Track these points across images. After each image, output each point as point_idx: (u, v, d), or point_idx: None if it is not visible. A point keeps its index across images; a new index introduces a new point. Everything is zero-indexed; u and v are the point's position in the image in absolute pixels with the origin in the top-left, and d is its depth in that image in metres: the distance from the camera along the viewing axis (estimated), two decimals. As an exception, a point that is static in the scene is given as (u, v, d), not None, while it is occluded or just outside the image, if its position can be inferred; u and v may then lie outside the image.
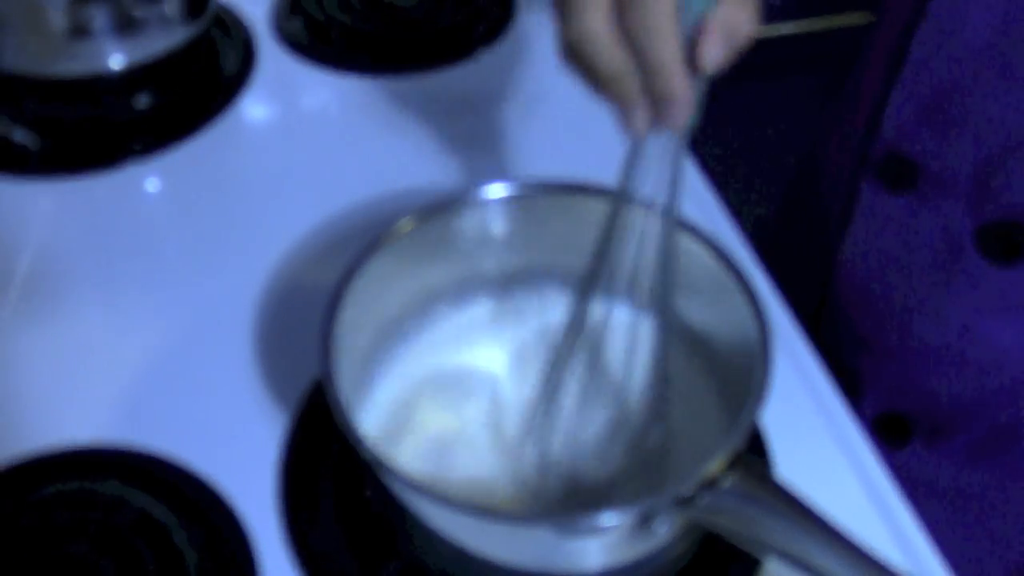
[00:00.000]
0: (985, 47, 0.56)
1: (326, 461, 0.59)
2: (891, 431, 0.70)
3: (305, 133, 0.83)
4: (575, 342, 0.55)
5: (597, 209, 0.58)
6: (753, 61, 0.48)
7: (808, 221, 0.77)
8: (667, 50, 0.43)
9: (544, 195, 0.59)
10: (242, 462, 0.60)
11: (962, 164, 0.60)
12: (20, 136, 0.79)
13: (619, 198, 0.52)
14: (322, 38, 0.90)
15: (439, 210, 0.57)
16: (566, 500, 0.55)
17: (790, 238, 0.83)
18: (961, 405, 0.67)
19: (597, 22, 0.43)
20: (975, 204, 0.60)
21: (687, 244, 0.56)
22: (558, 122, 0.82)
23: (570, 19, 0.43)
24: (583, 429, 0.58)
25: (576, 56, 0.45)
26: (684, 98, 0.44)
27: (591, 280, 0.54)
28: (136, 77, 0.81)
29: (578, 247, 0.60)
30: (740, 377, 0.53)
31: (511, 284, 0.63)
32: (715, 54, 0.44)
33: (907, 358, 0.68)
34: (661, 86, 0.44)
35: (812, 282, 0.74)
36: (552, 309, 0.63)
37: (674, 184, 0.49)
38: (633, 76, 0.44)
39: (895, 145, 0.63)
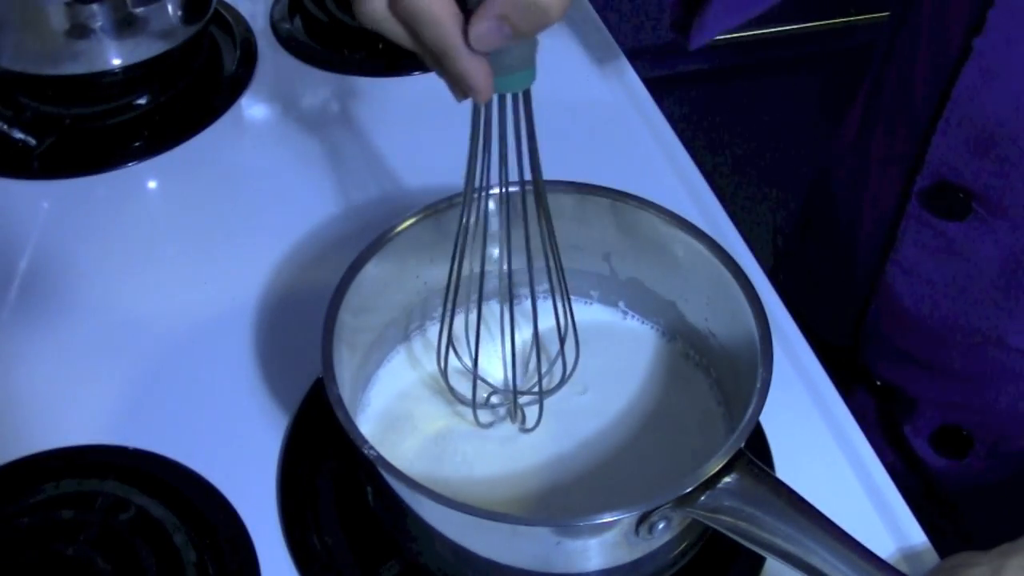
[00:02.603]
0: None
1: (326, 461, 0.59)
2: (950, 444, 0.70)
3: (305, 133, 0.83)
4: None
5: (598, 208, 0.58)
6: (753, 59, 0.48)
7: (832, 242, 0.76)
8: (440, 34, 0.42)
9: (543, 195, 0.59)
10: (242, 462, 0.59)
11: (1018, 193, 0.59)
12: (20, 136, 0.79)
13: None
14: (322, 38, 0.90)
15: (439, 210, 0.57)
16: (565, 499, 0.55)
17: (812, 256, 0.82)
18: (1021, 420, 0.66)
19: (373, 7, 0.42)
20: None
21: (689, 244, 0.56)
22: (558, 122, 0.82)
23: (355, 4, 0.43)
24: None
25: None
26: (476, 75, 0.43)
27: (606, 280, 0.54)
28: (136, 76, 0.81)
29: (578, 246, 0.60)
30: (741, 377, 0.53)
31: (511, 284, 0.63)
32: (481, 36, 0.42)
33: (964, 377, 0.67)
34: (448, 67, 0.43)
35: (845, 302, 0.73)
36: (551, 308, 0.63)
37: (530, 144, 0.49)
38: (429, 55, 0.43)
39: (945, 175, 0.61)
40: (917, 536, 0.58)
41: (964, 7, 0.57)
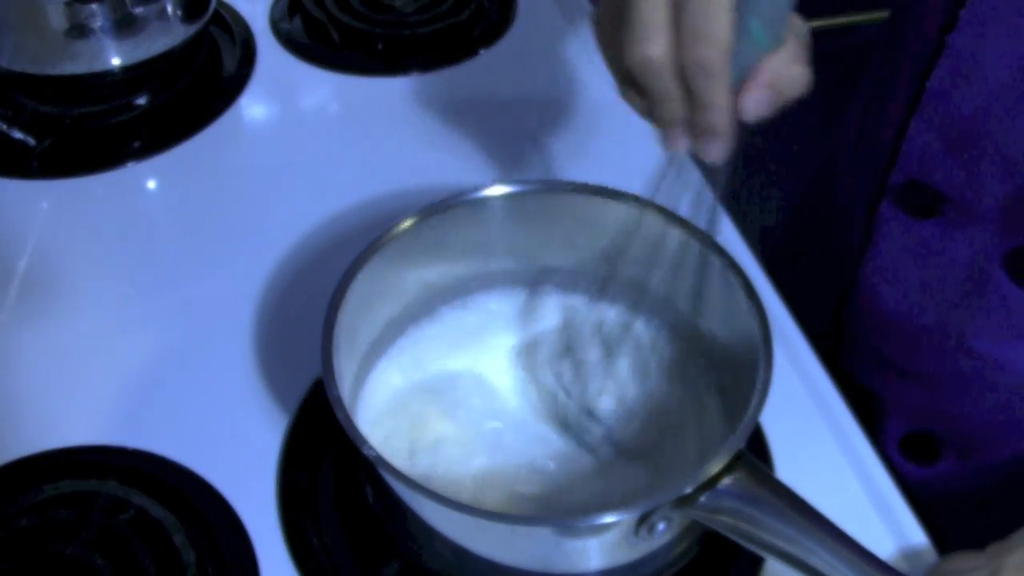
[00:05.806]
0: (1009, 79, 0.55)
1: (326, 461, 0.59)
2: (919, 450, 0.69)
3: (305, 133, 0.83)
4: (582, 338, 0.56)
5: (597, 209, 0.58)
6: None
7: (824, 242, 0.76)
8: (716, 87, 0.44)
9: (544, 195, 0.59)
10: (242, 462, 0.59)
11: (988, 193, 0.58)
12: (20, 136, 0.79)
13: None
14: (322, 38, 0.90)
15: (439, 210, 0.57)
16: (565, 500, 0.55)
17: (804, 255, 0.82)
18: (989, 428, 0.66)
19: (657, 50, 0.44)
20: (1003, 231, 0.59)
21: (690, 244, 0.56)
22: (557, 122, 0.82)
23: (632, 46, 0.45)
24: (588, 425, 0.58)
25: (633, 80, 0.46)
26: (724, 134, 0.46)
27: (607, 280, 0.55)
28: (136, 76, 0.81)
29: (578, 247, 0.60)
30: (741, 377, 0.53)
31: (511, 284, 0.63)
32: (756, 104, 0.45)
33: (933, 382, 0.67)
34: (705, 119, 0.46)
35: (828, 302, 0.73)
36: (552, 309, 0.63)
37: (712, 222, 0.52)
38: (681, 102, 0.46)
39: (917, 173, 0.61)
40: (917, 536, 0.58)
41: (939, 4, 0.58)
